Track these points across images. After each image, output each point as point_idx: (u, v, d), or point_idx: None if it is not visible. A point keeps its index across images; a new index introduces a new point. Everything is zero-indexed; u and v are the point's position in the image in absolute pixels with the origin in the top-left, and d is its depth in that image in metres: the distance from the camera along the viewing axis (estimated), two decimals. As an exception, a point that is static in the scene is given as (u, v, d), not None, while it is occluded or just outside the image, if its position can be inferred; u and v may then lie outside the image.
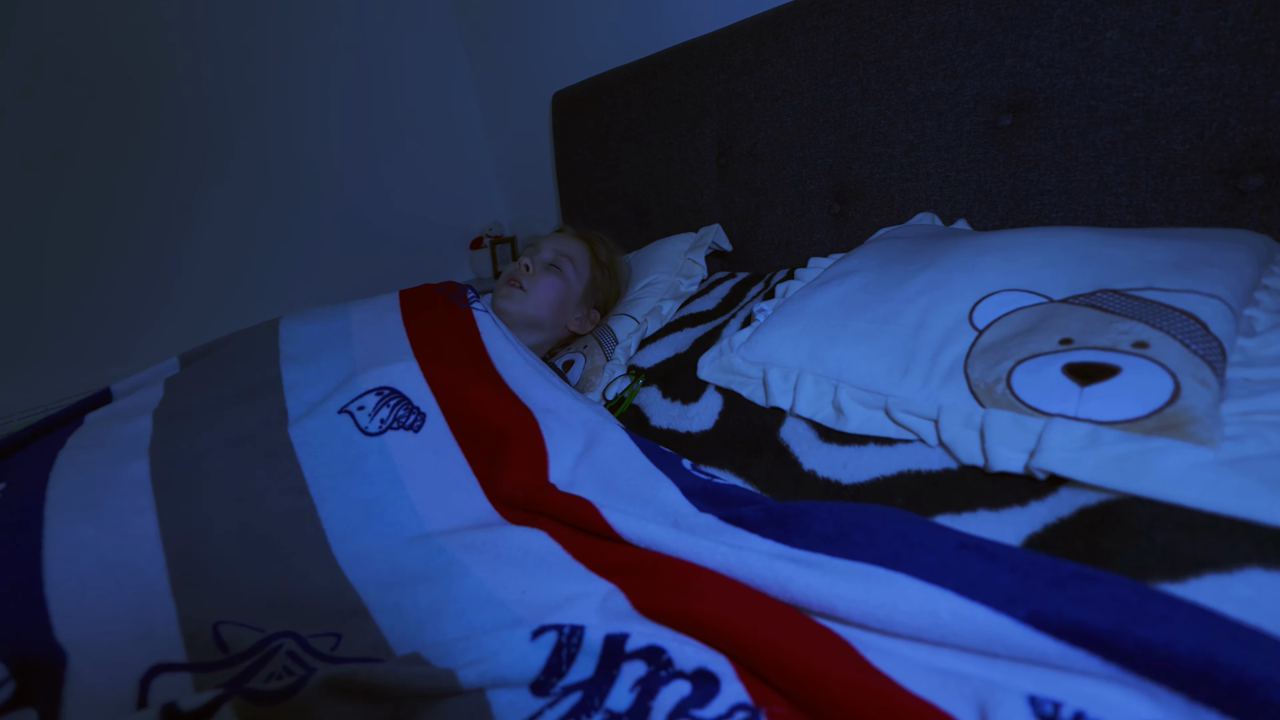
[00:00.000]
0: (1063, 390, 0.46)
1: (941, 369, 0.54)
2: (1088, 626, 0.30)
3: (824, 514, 0.46)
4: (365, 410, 0.63)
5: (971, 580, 0.36)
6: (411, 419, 0.63)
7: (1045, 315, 0.52)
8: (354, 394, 0.65)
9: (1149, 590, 0.31)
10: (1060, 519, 0.43)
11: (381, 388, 0.65)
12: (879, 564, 0.39)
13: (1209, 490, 0.37)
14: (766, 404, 0.66)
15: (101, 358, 1.36)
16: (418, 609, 0.46)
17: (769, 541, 0.46)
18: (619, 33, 1.39)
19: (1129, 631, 0.29)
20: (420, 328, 0.76)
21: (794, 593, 0.40)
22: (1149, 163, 0.68)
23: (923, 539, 0.40)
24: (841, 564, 0.40)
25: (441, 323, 0.78)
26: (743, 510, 0.50)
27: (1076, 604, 0.31)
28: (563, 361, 0.94)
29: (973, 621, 0.33)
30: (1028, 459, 0.45)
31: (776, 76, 1.01)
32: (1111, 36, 0.68)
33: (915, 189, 0.89)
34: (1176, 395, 0.41)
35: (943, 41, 0.81)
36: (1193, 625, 0.28)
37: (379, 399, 0.64)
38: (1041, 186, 0.77)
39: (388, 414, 0.63)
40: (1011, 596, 0.34)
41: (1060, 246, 0.58)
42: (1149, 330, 0.45)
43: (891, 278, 0.66)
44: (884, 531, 0.42)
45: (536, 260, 0.94)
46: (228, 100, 1.47)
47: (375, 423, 0.62)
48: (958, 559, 0.38)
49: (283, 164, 1.57)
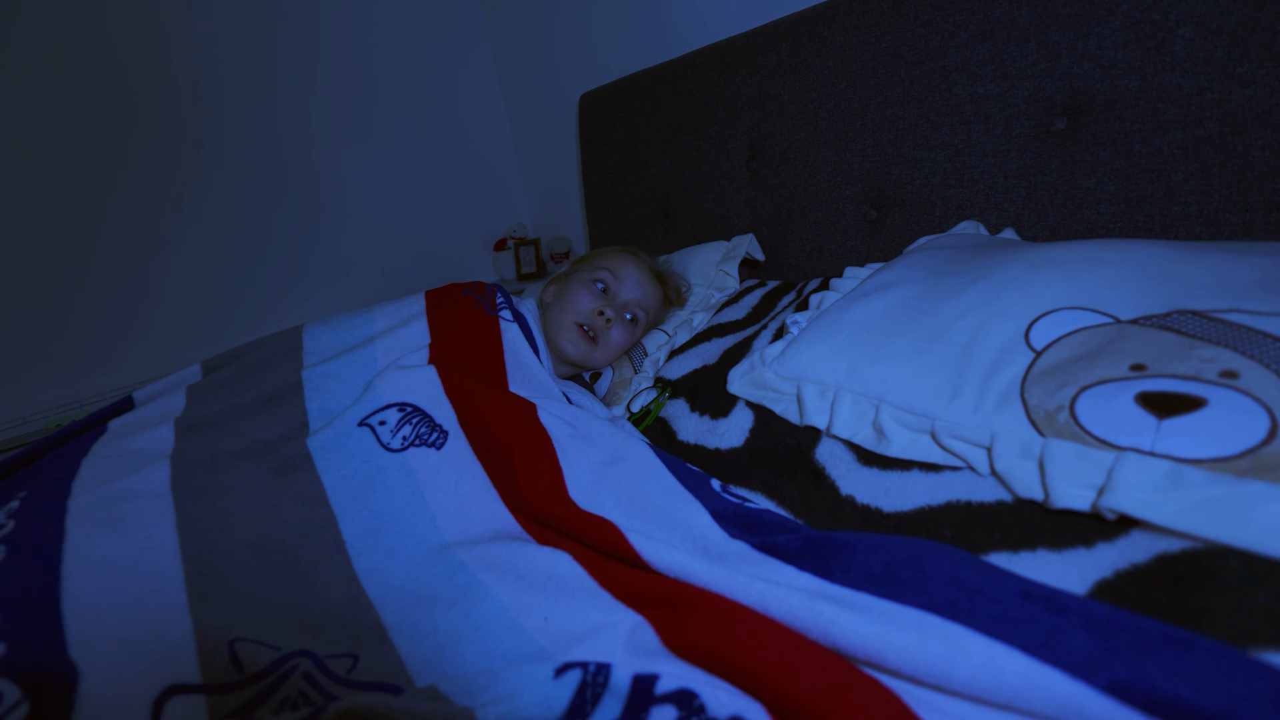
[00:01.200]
0: (1136, 422, 0.42)
1: (995, 392, 0.50)
2: (1187, 704, 0.26)
3: (867, 548, 0.43)
4: (388, 426, 0.62)
5: (1040, 639, 0.32)
6: (434, 436, 0.62)
7: (1113, 337, 0.48)
8: (374, 406, 0.63)
9: (1258, 664, 0.27)
10: (1136, 566, 0.39)
11: (404, 404, 0.64)
12: (933, 611, 0.36)
13: (1319, 545, 0.32)
14: (801, 422, 0.63)
15: (97, 363, 1.36)
16: (437, 633, 0.44)
17: (806, 575, 0.43)
18: (648, 34, 1.36)
19: (1239, 715, 0.25)
20: (444, 335, 0.74)
21: (837, 638, 0.37)
22: (1224, 170, 0.63)
23: (982, 584, 0.37)
24: (890, 608, 0.37)
25: (467, 331, 0.76)
26: (778, 539, 0.47)
27: (1171, 676, 0.27)
28: (589, 375, 0.92)
29: (1044, 687, 0.30)
30: (1096, 496, 0.41)
31: (812, 78, 0.97)
32: (1185, 34, 0.63)
33: (959, 196, 0.84)
34: (1274, 433, 0.37)
35: (993, 40, 0.77)
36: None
37: (401, 415, 0.63)
38: (1098, 195, 0.72)
39: (410, 431, 0.62)
40: (1090, 659, 0.30)
41: (1127, 262, 0.54)
42: (1238, 358, 0.41)
43: (938, 291, 0.61)
44: (936, 574, 0.38)
45: (617, 311, 0.86)
46: (237, 102, 1.47)
47: (397, 439, 0.61)
48: (1022, 611, 0.34)
49: (305, 165, 1.58)
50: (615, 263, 0.90)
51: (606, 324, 0.85)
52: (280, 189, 1.55)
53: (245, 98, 1.48)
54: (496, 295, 0.83)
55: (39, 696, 0.37)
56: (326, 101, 1.58)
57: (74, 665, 0.38)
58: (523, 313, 0.83)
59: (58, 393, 1.32)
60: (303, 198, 1.58)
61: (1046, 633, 0.32)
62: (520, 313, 0.82)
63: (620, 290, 0.88)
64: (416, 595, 0.48)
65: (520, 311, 0.83)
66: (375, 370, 0.69)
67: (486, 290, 0.84)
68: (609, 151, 1.38)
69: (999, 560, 0.45)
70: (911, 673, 0.34)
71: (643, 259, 0.94)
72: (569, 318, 0.85)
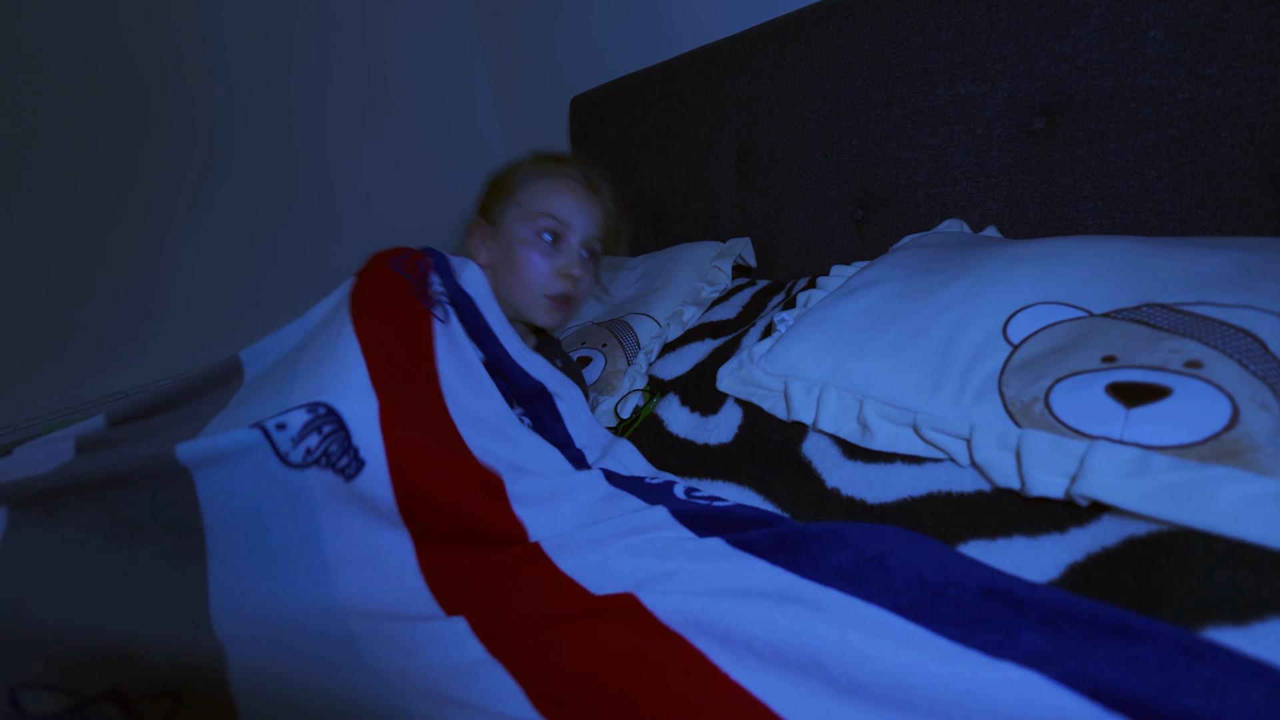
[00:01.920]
0: (1107, 411, 0.43)
1: (974, 385, 0.52)
2: (1127, 692, 0.27)
3: (837, 543, 0.44)
4: (288, 431, 0.48)
5: (999, 639, 0.33)
6: (344, 461, 0.49)
7: (1086, 330, 0.49)
8: (280, 407, 0.50)
9: (1201, 648, 0.29)
10: (1105, 549, 0.40)
11: (315, 404, 0.49)
12: (897, 612, 0.37)
13: (1274, 525, 0.34)
14: (788, 418, 0.64)
15: (103, 365, 1.36)
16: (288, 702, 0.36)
17: (777, 569, 0.44)
18: (637, 37, 1.37)
19: (1176, 701, 0.26)
20: (373, 331, 0.60)
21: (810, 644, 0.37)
22: (1195, 168, 0.65)
23: (944, 584, 0.38)
24: (856, 606, 0.38)
25: (399, 335, 0.62)
26: (751, 534, 0.48)
27: (1116, 666, 0.29)
28: (579, 357, 0.91)
29: (1002, 688, 0.31)
30: (1069, 484, 0.43)
31: (798, 80, 0.98)
32: (1155, 35, 0.65)
33: (942, 195, 0.86)
34: (1235, 420, 0.38)
35: (972, 43, 0.79)
36: (1249, 694, 0.26)
37: (310, 418, 0.49)
38: (1077, 193, 0.74)
39: (316, 443, 0.48)
40: (1044, 655, 0.31)
41: (1101, 257, 0.55)
42: (1202, 349, 0.42)
43: (919, 288, 0.63)
44: (902, 573, 0.40)
45: (580, 263, 0.79)
46: (243, 104, 1.48)
47: (299, 451, 0.47)
48: (982, 610, 0.36)
49: (294, 167, 1.58)
50: (554, 201, 0.78)
51: (575, 282, 0.78)
52: (278, 191, 1.56)
53: (248, 105, 1.49)
54: (431, 277, 0.71)
55: None
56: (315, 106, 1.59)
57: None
58: (468, 293, 0.73)
59: (63, 395, 1.33)
60: (295, 200, 1.59)
61: (1005, 633, 0.34)
62: (465, 293, 0.72)
63: (573, 235, 0.78)
64: (279, 650, 0.41)
65: (465, 291, 0.73)
66: (296, 370, 0.58)
67: (420, 267, 0.72)
68: (600, 154, 1.39)
69: (977, 547, 0.46)
70: (872, 675, 0.34)
71: (574, 178, 0.81)
72: (535, 291, 0.77)
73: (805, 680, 0.37)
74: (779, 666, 0.38)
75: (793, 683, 0.37)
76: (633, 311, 0.98)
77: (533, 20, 1.62)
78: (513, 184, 0.81)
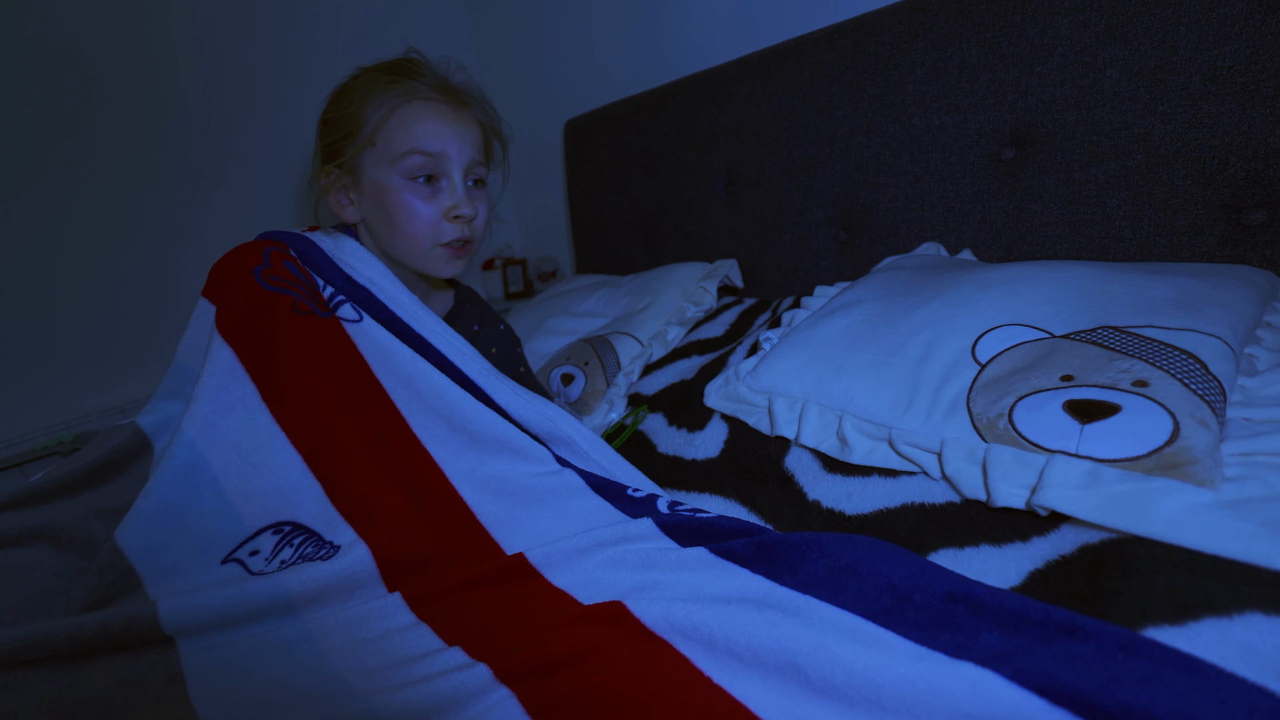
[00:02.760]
0: (1064, 427, 0.46)
1: (945, 403, 0.55)
2: (1071, 687, 0.30)
3: (814, 553, 0.46)
4: (261, 555, 0.50)
5: (961, 640, 0.36)
6: (324, 551, 0.51)
7: (1047, 351, 0.53)
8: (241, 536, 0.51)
9: (1138, 644, 0.32)
10: (1063, 556, 0.43)
11: (280, 524, 0.52)
12: (868, 618, 0.40)
13: (1208, 532, 0.37)
14: (772, 433, 0.67)
15: (113, 374, 1.38)
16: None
17: (758, 577, 0.46)
18: (630, 64, 1.42)
19: (1111, 694, 0.29)
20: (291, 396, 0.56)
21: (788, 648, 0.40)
22: (1151, 197, 0.69)
23: (912, 589, 0.41)
24: (830, 613, 0.41)
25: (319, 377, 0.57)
26: (734, 544, 0.50)
27: (1063, 663, 0.32)
28: (561, 374, 0.93)
29: (960, 684, 0.33)
30: (1029, 495, 0.46)
31: (783, 108, 1.03)
32: (1111, 75, 0.69)
33: (920, 219, 0.90)
34: (1176, 435, 0.41)
35: (946, 77, 0.83)
36: (1176, 686, 0.29)
37: (278, 539, 0.51)
38: (1045, 219, 0.78)
39: (290, 554, 0.50)
40: (1000, 654, 0.34)
41: (1062, 282, 0.59)
42: (1149, 369, 0.46)
43: (896, 310, 0.66)
44: (874, 580, 0.42)
45: (467, 196, 0.67)
46: (240, 116, 1.49)
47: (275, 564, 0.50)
48: (945, 614, 0.38)
49: (292, 181, 1.59)
50: (416, 132, 0.64)
51: (469, 222, 0.67)
52: (258, 202, 1.57)
53: (244, 115, 1.51)
54: (316, 280, 0.64)
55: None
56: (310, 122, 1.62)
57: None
58: (361, 283, 0.65)
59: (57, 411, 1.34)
60: (283, 213, 1.60)
61: (966, 635, 0.36)
62: (359, 284, 0.65)
63: (450, 166, 0.66)
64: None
65: (357, 282, 0.65)
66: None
67: (290, 269, 0.63)
68: (593, 176, 1.43)
69: (947, 556, 0.49)
70: (844, 677, 0.37)
71: (429, 94, 0.66)
72: (425, 244, 0.66)
73: (783, 683, 0.40)
74: (758, 669, 0.41)
75: (771, 685, 0.40)
76: (617, 331, 1.00)
77: (529, 46, 1.67)
78: (358, 119, 0.65)
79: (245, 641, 0.47)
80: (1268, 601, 0.33)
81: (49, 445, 1.25)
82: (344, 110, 0.66)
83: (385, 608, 0.51)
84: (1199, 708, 0.28)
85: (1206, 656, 0.32)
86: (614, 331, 0.99)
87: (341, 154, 0.67)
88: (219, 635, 0.46)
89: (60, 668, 0.42)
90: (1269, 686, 0.29)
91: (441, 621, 0.50)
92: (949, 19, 0.82)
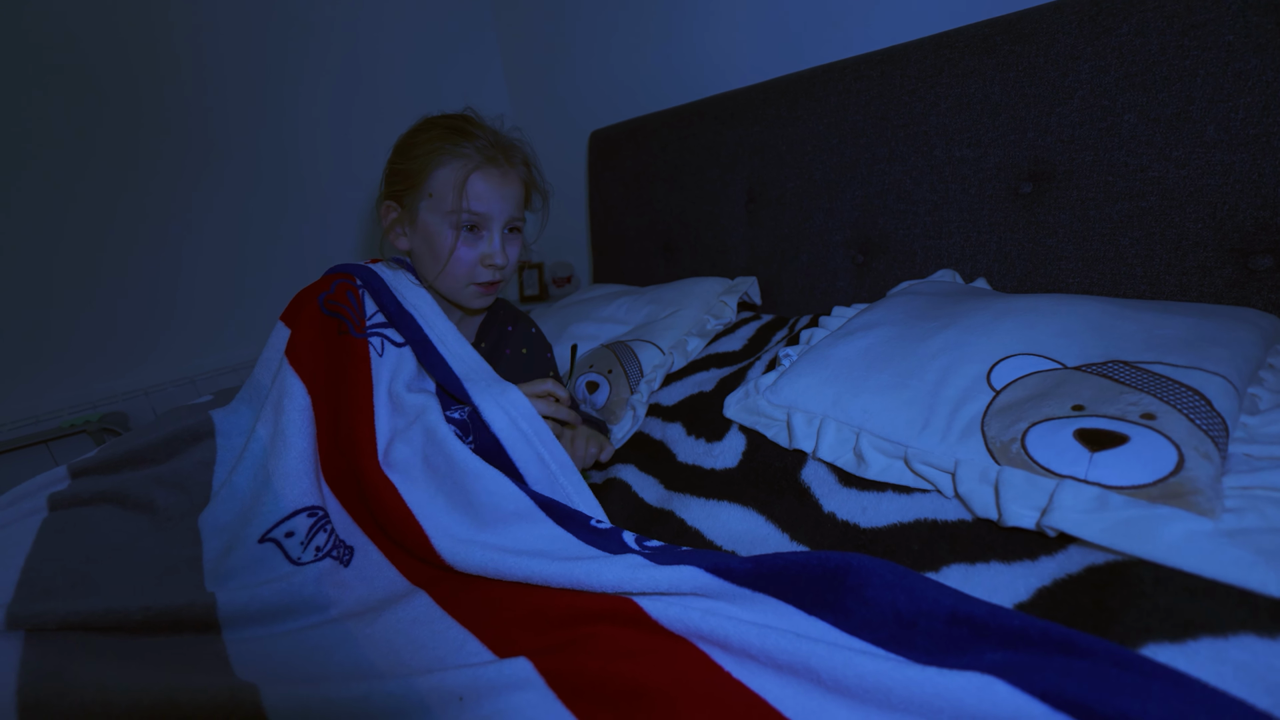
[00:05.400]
0: (1074, 454, 0.49)
1: (960, 425, 0.58)
2: (1070, 695, 0.33)
3: (816, 570, 0.47)
4: (296, 537, 0.57)
5: (965, 663, 0.38)
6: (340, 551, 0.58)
7: (1059, 381, 0.56)
8: (277, 516, 0.58)
9: (1129, 660, 0.34)
10: (1069, 575, 0.46)
11: (314, 508, 0.59)
12: (877, 644, 0.42)
13: (1208, 559, 0.39)
14: (790, 446, 0.70)
15: (108, 366, 1.40)
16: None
17: (763, 595, 0.48)
18: (657, 79, 1.46)
19: (1109, 701, 0.32)
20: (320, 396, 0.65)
21: (802, 650, 0.42)
22: (1164, 238, 0.72)
23: (916, 615, 0.42)
24: (841, 639, 0.43)
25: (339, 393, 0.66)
26: (731, 563, 0.50)
27: (1062, 674, 0.34)
28: (586, 382, 0.97)
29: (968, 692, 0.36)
30: (1039, 516, 0.48)
31: (808, 132, 1.06)
32: (1129, 119, 0.72)
33: (937, 246, 0.93)
34: (1180, 466, 0.44)
35: (969, 112, 0.87)
36: (1166, 697, 0.31)
37: (312, 522, 0.58)
38: (1059, 253, 0.81)
39: (325, 540, 0.58)
40: (1003, 666, 0.36)
41: (1076, 316, 0.62)
42: (1157, 403, 0.49)
43: (914, 334, 0.69)
44: (877, 604, 0.44)
45: (504, 250, 0.78)
46: (261, 129, 1.52)
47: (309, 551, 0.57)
48: (949, 638, 0.41)
49: (313, 187, 1.63)
50: (468, 193, 0.74)
51: (500, 269, 0.78)
52: (279, 210, 1.60)
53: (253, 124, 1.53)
54: (364, 306, 0.74)
55: None
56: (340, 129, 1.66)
57: None
58: (408, 309, 0.75)
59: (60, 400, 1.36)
60: (299, 221, 1.63)
61: (971, 656, 0.39)
62: (405, 310, 0.75)
63: (493, 223, 0.77)
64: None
65: (405, 309, 0.75)
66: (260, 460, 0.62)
67: (347, 295, 0.73)
68: (616, 186, 1.47)
69: (958, 570, 0.51)
70: (855, 679, 0.39)
71: (481, 161, 0.75)
72: (461, 282, 0.78)
73: (797, 681, 0.42)
74: (773, 669, 0.43)
75: (786, 682, 0.42)
76: (639, 338, 1.03)
77: (557, 55, 1.71)
78: (419, 174, 0.76)
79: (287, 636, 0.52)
80: (1261, 624, 0.36)
81: (76, 424, 1.28)
82: (409, 165, 0.77)
83: (413, 604, 0.54)
84: (1187, 717, 0.30)
85: (1203, 674, 0.34)
86: (636, 339, 1.02)
87: (404, 196, 0.78)
88: (262, 628, 0.52)
89: (126, 636, 0.47)
90: (1254, 702, 0.31)
91: (467, 616, 0.53)
92: (974, 57, 0.85)
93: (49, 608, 0.47)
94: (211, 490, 0.63)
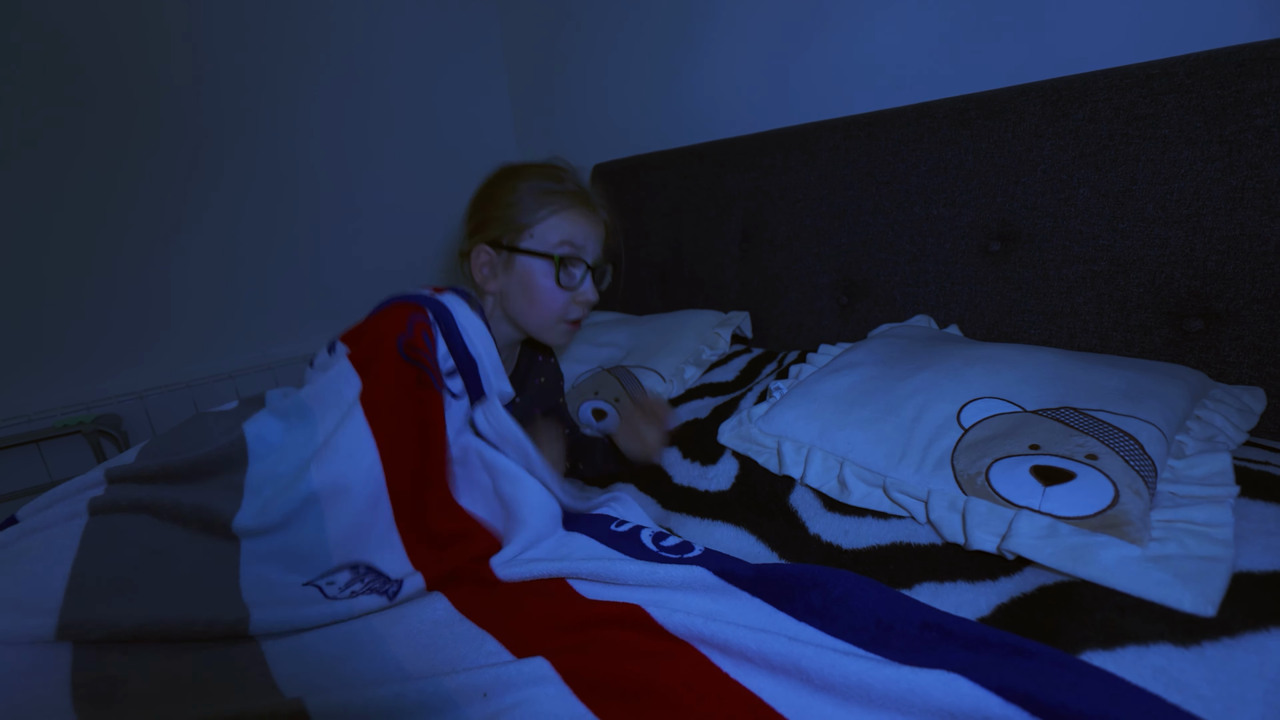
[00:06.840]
0: (1030, 487, 0.56)
1: (933, 458, 0.65)
2: (1020, 689, 0.39)
3: (808, 581, 0.54)
4: (335, 585, 0.62)
5: (934, 661, 0.45)
6: (391, 589, 0.62)
7: (1019, 423, 0.63)
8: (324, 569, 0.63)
9: (1069, 662, 0.41)
10: (1024, 593, 0.53)
11: (356, 564, 0.64)
12: (859, 645, 0.48)
13: (1136, 580, 0.47)
14: (779, 472, 0.76)
15: (101, 367, 1.41)
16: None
17: (758, 601, 0.55)
18: (658, 120, 1.55)
19: (1050, 695, 0.38)
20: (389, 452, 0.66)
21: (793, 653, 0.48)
22: (1111, 299, 0.81)
23: (894, 620, 0.49)
24: (826, 640, 0.50)
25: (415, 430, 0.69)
26: (735, 568, 0.58)
27: (1014, 673, 0.41)
28: (593, 409, 1.03)
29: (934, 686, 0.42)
30: (1000, 541, 0.55)
31: (800, 181, 1.15)
32: (1084, 193, 0.82)
33: (915, 293, 1.02)
34: (1116, 501, 0.52)
35: (945, 175, 0.96)
36: (1096, 691, 0.38)
37: (351, 576, 0.63)
38: (1023, 306, 0.90)
39: (361, 587, 0.61)
40: (965, 665, 0.43)
41: (1035, 365, 0.70)
42: (1099, 445, 0.56)
43: (893, 374, 0.77)
44: (861, 612, 0.51)
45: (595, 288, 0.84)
46: (258, 129, 1.54)
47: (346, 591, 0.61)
48: (922, 639, 0.47)
49: (308, 189, 1.64)
50: (570, 230, 0.80)
51: (589, 305, 0.84)
52: (288, 216, 1.62)
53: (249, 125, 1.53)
54: (438, 349, 0.74)
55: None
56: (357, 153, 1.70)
57: None
58: (472, 354, 0.76)
59: (64, 394, 1.37)
60: (307, 232, 1.65)
61: (939, 655, 0.45)
62: (470, 355, 0.76)
63: (588, 257, 0.83)
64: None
65: (470, 353, 0.76)
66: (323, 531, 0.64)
67: (424, 338, 0.73)
68: (617, 216, 1.54)
69: (929, 588, 0.58)
70: (840, 678, 0.45)
71: (578, 200, 0.83)
72: (553, 320, 0.82)
73: (789, 681, 0.48)
74: (767, 670, 0.49)
75: (778, 682, 0.48)
76: (640, 364, 1.10)
77: (563, 91, 1.79)
78: (518, 217, 0.80)
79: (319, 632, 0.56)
80: (1176, 636, 0.43)
81: (69, 425, 1.29)
82: (505, 210, 0.81)
83: (434, 606, 0.60)
84: (1113, 708, 0.37)
85: (1128, 674, 0.41)
86: (637, 365, 1.08)
87: (502, 239, 0.81)
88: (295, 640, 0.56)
89: (162, 647, 0.51)
90: (1167, 697, 0.38)
91: (485, 620, 0.58)
92: (951, 127, 0.95)
93: (96, 617, 0.50)
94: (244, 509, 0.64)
